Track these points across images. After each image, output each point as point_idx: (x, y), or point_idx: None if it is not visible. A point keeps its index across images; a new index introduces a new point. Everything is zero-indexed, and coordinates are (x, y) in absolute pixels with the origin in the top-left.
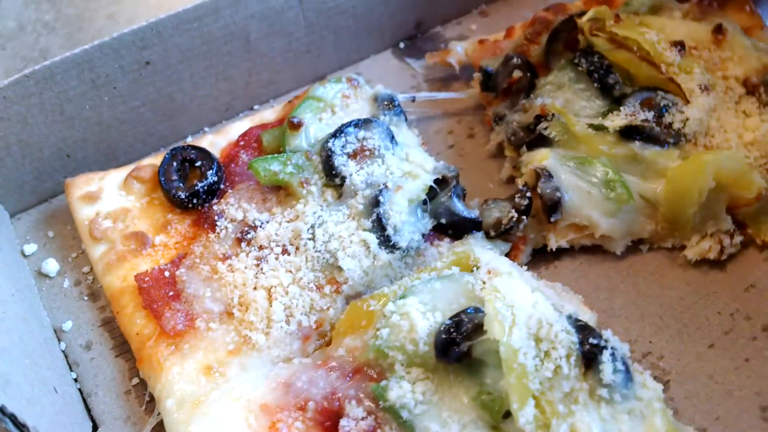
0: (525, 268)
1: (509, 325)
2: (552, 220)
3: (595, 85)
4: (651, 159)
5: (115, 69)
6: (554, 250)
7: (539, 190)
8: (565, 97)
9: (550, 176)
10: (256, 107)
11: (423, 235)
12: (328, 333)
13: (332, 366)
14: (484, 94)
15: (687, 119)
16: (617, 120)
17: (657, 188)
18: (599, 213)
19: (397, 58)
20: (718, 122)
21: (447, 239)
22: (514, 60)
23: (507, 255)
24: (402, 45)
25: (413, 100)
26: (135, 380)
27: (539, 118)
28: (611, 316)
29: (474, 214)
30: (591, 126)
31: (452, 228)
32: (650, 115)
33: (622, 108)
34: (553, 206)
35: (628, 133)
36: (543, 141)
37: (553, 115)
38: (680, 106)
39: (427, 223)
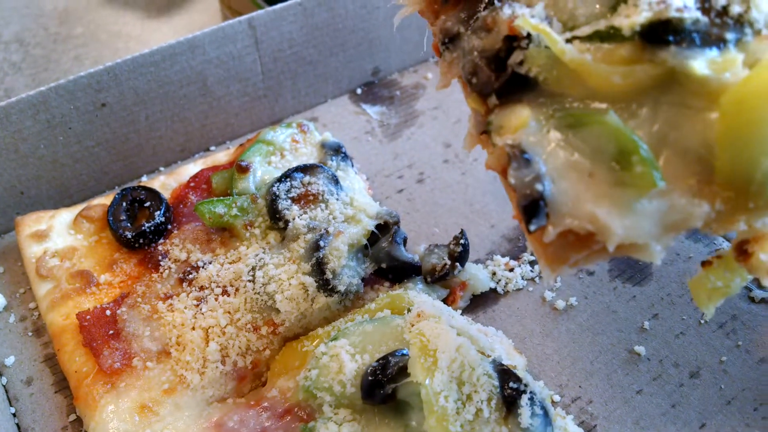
0: (460, 312)
1: (432, 368)
2: (532, 229)
3: None
4: (697, 75)
5: (70, 110)
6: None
7: (510, 180)
8: None
9: (525, 159)
10: (212, 148)
11: (363, 279)
12: (264, 374)
13: (264, 406)
14: None
15: None
16: (636, 14)
17: (706, 130)
18: (608, 208)
19: (353, 104)
20: None
21: (387, 283)
22: None
23: (445, 300)
24: (359, 91)
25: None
26: (72, 417)
27: (510, 42)
28: (543, 360)
29: (414, 259)
30: (595, 36)
31: (393, 272)
32: None
33: None
34: (531, 207)
35: (654, 34)
36: (521, 84)
37: (528, 36)
38: None
39: (368, 268)
